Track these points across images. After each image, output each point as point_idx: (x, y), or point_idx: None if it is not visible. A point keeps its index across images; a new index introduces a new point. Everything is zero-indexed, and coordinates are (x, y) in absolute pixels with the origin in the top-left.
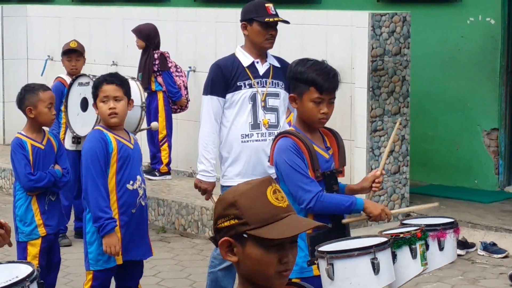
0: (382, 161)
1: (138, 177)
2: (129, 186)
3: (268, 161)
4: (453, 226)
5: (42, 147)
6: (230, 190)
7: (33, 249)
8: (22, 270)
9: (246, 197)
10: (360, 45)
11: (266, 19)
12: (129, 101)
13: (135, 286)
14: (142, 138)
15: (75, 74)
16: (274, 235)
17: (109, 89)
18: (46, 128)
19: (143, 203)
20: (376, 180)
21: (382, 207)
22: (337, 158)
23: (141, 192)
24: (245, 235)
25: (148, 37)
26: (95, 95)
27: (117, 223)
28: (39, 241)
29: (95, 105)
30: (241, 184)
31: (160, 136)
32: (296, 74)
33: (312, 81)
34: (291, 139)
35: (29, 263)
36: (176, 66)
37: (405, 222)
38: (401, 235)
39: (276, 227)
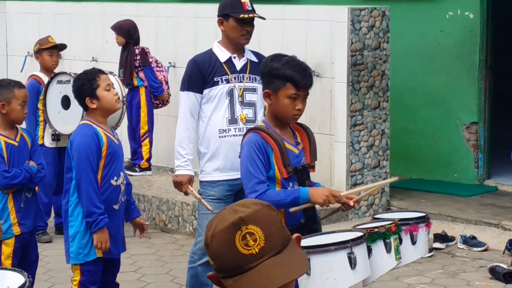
0: (359, 196)
1: (122, 173)
2: (113, 182)
3: (239, 156)
4: (425, 220)
5: (16, 143)
6: (210, 221)
7: (7, 249)
8: (13, 280)
9: (216, 242)
10: (340, 40)
11: (242, 15)
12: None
13: (113, 280)
14: (122, 134)
15: (54, 70)
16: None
17: (107, 77)
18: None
19: (123, 200)
20: (348, 207)
21: (326, 194)
22: (308, 153)
23: (123, 188)
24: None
25: (128, 33)
26: (92, 88)
27: None
28: (12, 241)
29: (90, 98)
30: (216, 220)
31: (142, 131)
32: (271, 70)
33: (289, 77)
34: (259, 135)
35: (19, 271)
36: (156, 61)
37: (377, 216)
38: (376, 230)
39: (241, 280)
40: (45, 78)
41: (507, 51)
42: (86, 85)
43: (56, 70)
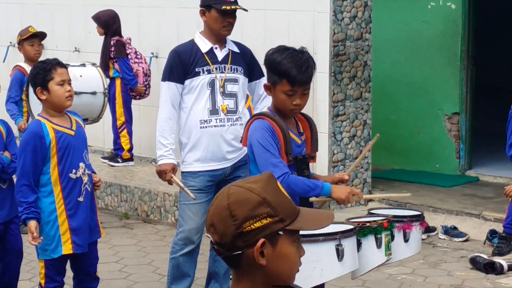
0: (351, 167)
1: (81, 164)
2: (72, 175)
3: (241, 141)
4: (420, 219)
5: None
6: (242, 190)
7: None
8: None
9: (271, 194)
10: (322, 30)
11: (224, 7)
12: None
13: (93, 272)
14: (106, 124)
15: (37, 60)
16: (316, 227)
17: (64, 72)
18: None
19: (89, 189)
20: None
21: (348, 191)
22: (309, 144)
23: (85, 179)
24: (280, 233)
25: (106, 23)
26: (45, 79)
27: (64, 214)
28: None
29: (41, 89)
30: (248, 182)
31: (119, 122)
32: (271, 63)
33: (284, 73)
34: (266, 121)
35: None
36: (136, 52)
37: (372, 212)
38: (368, 224)
39: (303, 219)
40: (29, 69)
41: (489, 41)
42: (40, 75)
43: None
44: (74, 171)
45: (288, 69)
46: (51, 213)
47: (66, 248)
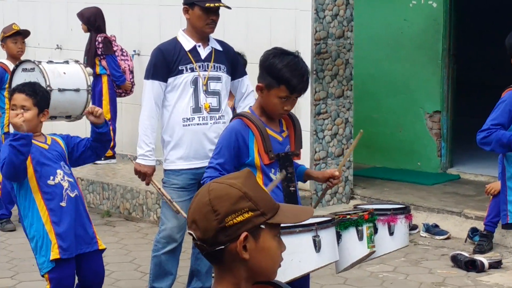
0: (340, 163)
1: (59, 171)
2: (50, 182)
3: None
4: (405, 212)
5: None
6: (223, 186)
7: None
8: None
9: (252, 189)
10: (304, 29)
11: (207, 4)
12: (43, 111)
13: (98, 282)
14: (87, 122)
15: (20, 57)
16: (295, 220)
17: (18, 98)
18: None
19: (72, 195)
20: (333, 181)
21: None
22: (293, 141)
23: (65, 184)
24: (262, 226)
25: (89, 20)
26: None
27: (49, 220)
28: None
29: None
30: (228, 179)
31: None
32: (271, 67)
33: (285, 80)
34: (241, 121)
35: None
36: (122, 49)
37: (358, 206)
38: (348, 216)
39: (283, 214)
40: (11, 66)
41: (470, 39)
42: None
43: (22, 58)
44: (51, 177)
45: (290, 78)
46: (39, 223)
47: (53, 253)
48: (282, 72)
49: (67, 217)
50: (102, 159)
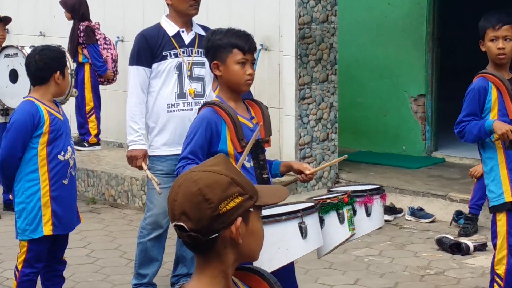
0: (316, 168)
1: (69, 147)
2: (60, 157)
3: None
4: (380, 192)
5: None
6: (208, 174)
7: None
8: None
9: (236, 174)
10: (288, 13)
11: None
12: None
13: (61, 256)
14: (70, 108)
15: (1, 44)
16: (277, 199)
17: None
18: None
19: (73, 173)
20: (304, 177)
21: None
22: (262, 128)
23: (71, 162)
24: (251, 209)
25: (72, 8)
26: (63, 64)
27: (48, 194)
28: None
29: (58, 73)
30: (209, 166)
31: (87, 108)
32: (215, 41)
33: (233, 43)
34: (212, 109)
35: None
36: (105, 38)
37: (332, 189)
38: (328, 201)
39: (264, 195)
40: None
41: (454, 23)
42: (61, 60)
43: (4, 44)
44: (63, 153)
45: (236, 39)
46: (35, 193)
47: (47, 229)
48: (227, 38)
49: (66, 195)
50: (86, 145)
